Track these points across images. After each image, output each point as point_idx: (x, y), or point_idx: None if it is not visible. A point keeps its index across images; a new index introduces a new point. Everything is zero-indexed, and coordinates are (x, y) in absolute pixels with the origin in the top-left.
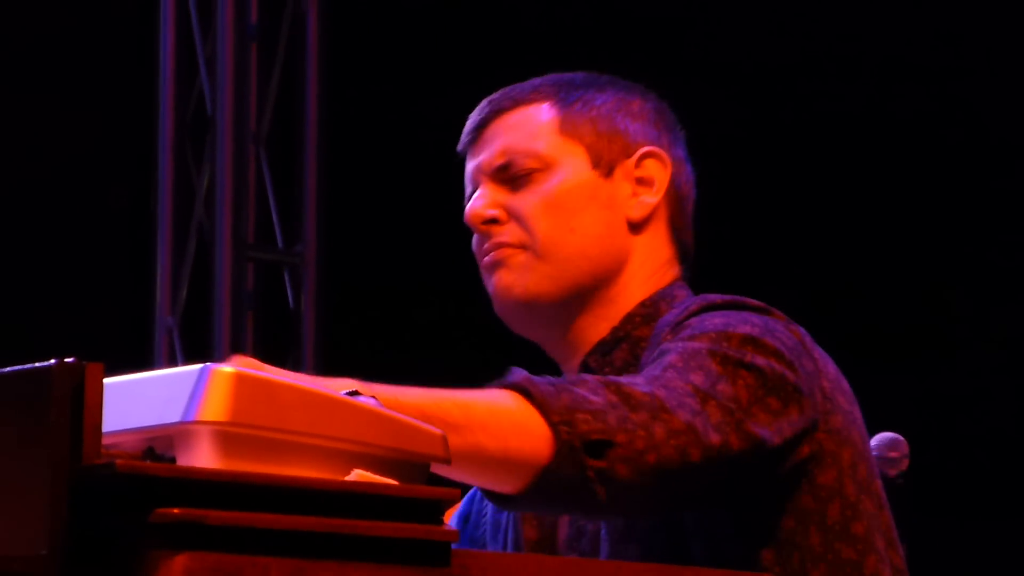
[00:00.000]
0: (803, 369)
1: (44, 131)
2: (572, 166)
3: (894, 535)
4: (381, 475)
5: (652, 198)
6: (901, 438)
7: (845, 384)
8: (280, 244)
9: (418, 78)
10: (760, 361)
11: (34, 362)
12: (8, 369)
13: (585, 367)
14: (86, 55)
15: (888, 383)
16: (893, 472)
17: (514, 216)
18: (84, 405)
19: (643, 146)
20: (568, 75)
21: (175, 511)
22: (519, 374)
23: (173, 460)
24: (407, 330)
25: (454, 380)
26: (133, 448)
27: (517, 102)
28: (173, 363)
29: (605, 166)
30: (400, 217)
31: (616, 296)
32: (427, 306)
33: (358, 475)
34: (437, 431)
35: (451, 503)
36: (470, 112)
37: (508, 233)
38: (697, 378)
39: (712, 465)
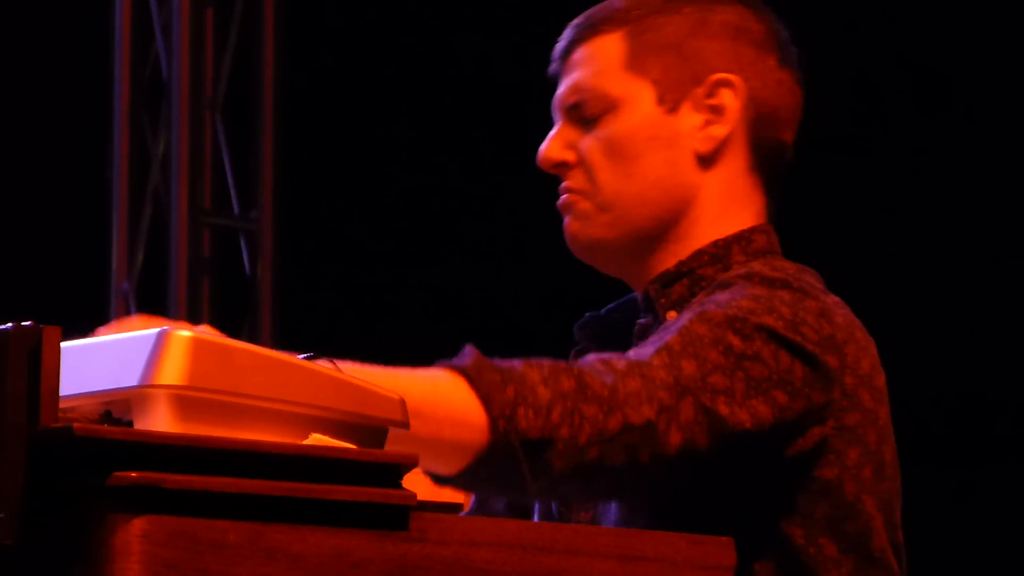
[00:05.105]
0: (823, 364)
1: None
2: (636, 106)
3: (895, 540)
4: (339, 439)
5: (721, 129)
6: None
7: (879, 380)
8: (236, 210)
9: (376, 44)
10: (767, 354)
11: None
12: None
13: (645, 295)
14: (40, 20)
15: None
16: None
17: (581, 160)
18: (41, 369)
19: (717, 71)
20: None
21: (132, 474)
22: (470, 355)
23: (130, 424)
24: (364, 296)
25: (411, 347)
26: (90, 412)
27: (594, 31)
28: None
29: (671, 100)
30: (357, 183)
31: (685, 234)
32: (384, 272)
33: (315, 439)
34: (395, 395)
35: (409, 467)
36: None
37: (575, 178)
38: (688, 367)
39: (665, 464)
